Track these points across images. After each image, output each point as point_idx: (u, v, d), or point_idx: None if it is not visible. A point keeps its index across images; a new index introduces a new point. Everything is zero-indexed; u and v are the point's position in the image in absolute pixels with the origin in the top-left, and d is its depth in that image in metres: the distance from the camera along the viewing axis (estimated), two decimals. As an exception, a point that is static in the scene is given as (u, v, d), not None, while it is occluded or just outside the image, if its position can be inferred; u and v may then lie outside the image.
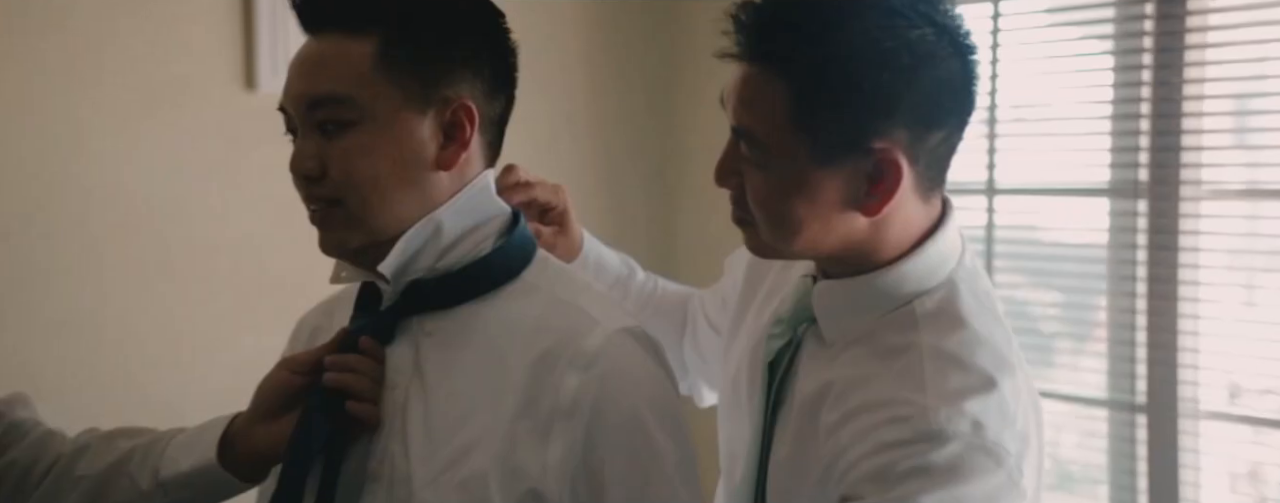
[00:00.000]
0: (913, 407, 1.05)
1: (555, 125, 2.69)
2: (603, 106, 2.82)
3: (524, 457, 1.06)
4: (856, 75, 1.06)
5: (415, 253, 1.12)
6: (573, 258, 1.44)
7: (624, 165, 2.86)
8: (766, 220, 1.12)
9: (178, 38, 2.21)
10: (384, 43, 1.08)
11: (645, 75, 2.89)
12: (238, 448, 1.16)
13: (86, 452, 1.21)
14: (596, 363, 1.08)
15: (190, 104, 2.22)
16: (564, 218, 1.41)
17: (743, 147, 1.11)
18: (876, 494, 1.02)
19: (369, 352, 1.13)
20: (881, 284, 1.14)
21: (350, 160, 1.08)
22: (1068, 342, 2.55)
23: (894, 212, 1.11)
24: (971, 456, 1.03)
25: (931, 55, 1.08)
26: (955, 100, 1.11)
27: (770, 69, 1.08)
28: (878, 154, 1.08)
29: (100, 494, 1.18)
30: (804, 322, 1.19)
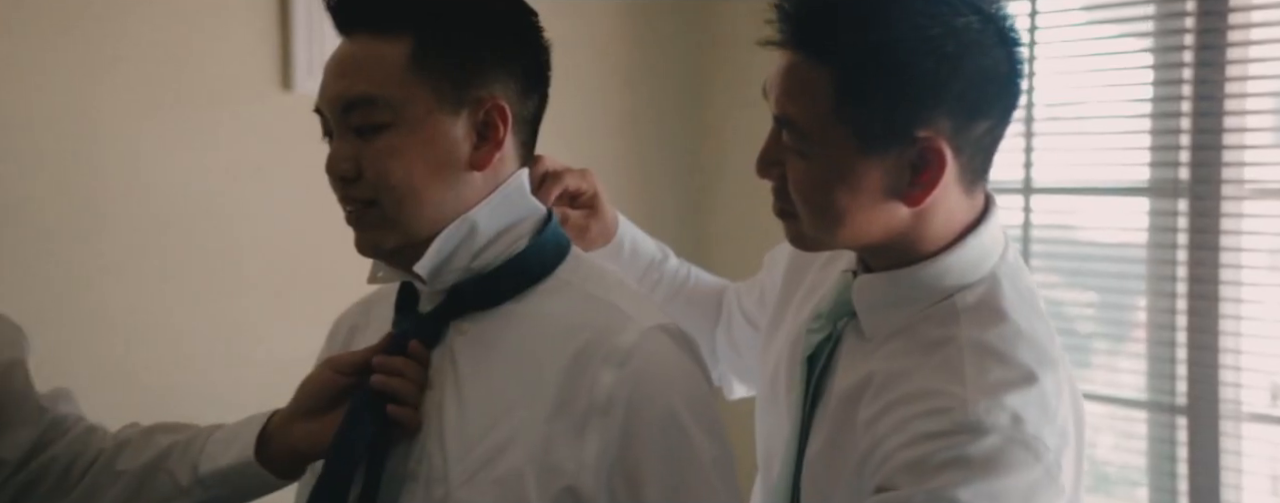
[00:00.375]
0: (952, 399, 1.04)
1: (587, 123, 2.69)
2: (634, 104, 2.82)
3: (560, 454, 1.06)
4: (901, 63, 1.05)
5: (450, 253, 1.12)
6: (608, 241, 1.44)
7: (656, 163, 2.86)
8: (809, 211, 1.12)
9: (215, 38, 2.22)
10: (417, 44, 1.09)
11: (677, 73, 2.89)
12: (275, 445, 1.17)
13: (127, 447, 1.22)
14: (631, 360, 1.07)
15: (227, 104, 2.24)
16: (595, 201, 1.41)
17: (785, 136, 1.11)
18: (912, 485, 1.01)
19: (417, 356, 1.13)
20: (923, 277, 1.13)
21: (385, 161, 1.08)
22: (1104, 342, 2.53)
23: (937, 203, 1.11)
24: (1010, 449, 1.02)
25: (977, 44, 1.07)
26: (1000, 90, 1.11)
27: (814, 57, 1.08)
28: (922, 143, 1.08)
29: (140, 489, 1.20)
30: (843, 316, 1.18)
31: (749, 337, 1.47)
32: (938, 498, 1.00)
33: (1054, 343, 1.13)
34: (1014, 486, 1.02)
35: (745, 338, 1.48)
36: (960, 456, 1.02)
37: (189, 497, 1.18)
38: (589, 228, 1.40)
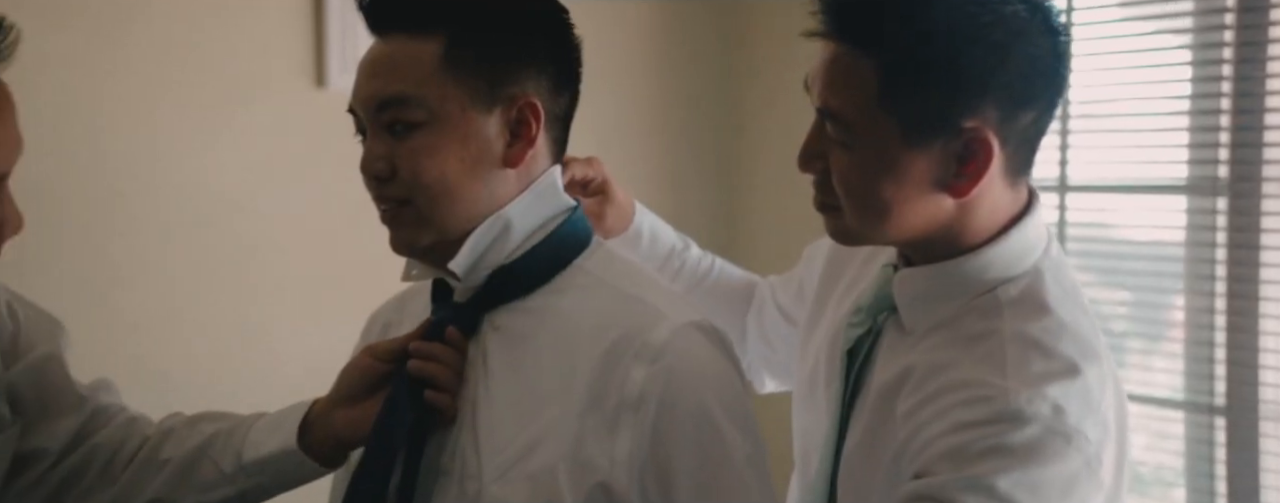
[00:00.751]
0: (993, 388, 1.04)
1: (618, 122, 2.69)
2: (665, 102, 2.81)
3: (592, 450, 1.06)
4: (949, 52, 1.05)
5: (485, 250, 1.12)
6: (625, 227, 1.43)
7: (687, 161, 2.85)
8: (853, 203, 1.11)
9: (249, 36, 2.24)
10: (450, 43, 1.09)
11: (708, 70, 2.88)
12: (317, 432, 1.18)
13: (171, 436, 1.24)
14: (663, 356, 1.07)
15: (261, 102, 2.25)
16: (605, 187, 1.40)
17: (829, 128, 1.10)
18: (951, 472, 1.01)
19: (453, 343, 1.14)
20: (965, 270, 1.12)
21: (419, 160, 1.09)
22: (1139, 342, 2.50)
23: (981, 195, 1.10)
24: (1050, 439, 1.01)
25: (1024, 32, 1.06)
26: (1046, 80, 1.09)
27: (858, 48, 1.07)
28: (968, 133, 1.07)
29: (185, 477, 1.21)
30: (884, 311, 1.18)
31: (783, 331, 1.47)
32: (975, 485, 1.00)
33: (1098, 338, 1.12)
34: (1053, 476, 1.01)
35: (778, 332, 1.48)
36: (1000, 444, 1.01)
37: (233, 484, 1.20)
38: (605, 215, 1.40)
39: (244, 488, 1.20)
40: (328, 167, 2.27)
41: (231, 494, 1.20)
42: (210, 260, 2.22)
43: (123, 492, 1.22)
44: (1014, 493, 0.99)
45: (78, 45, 2.07)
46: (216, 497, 1.20)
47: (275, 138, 2.27)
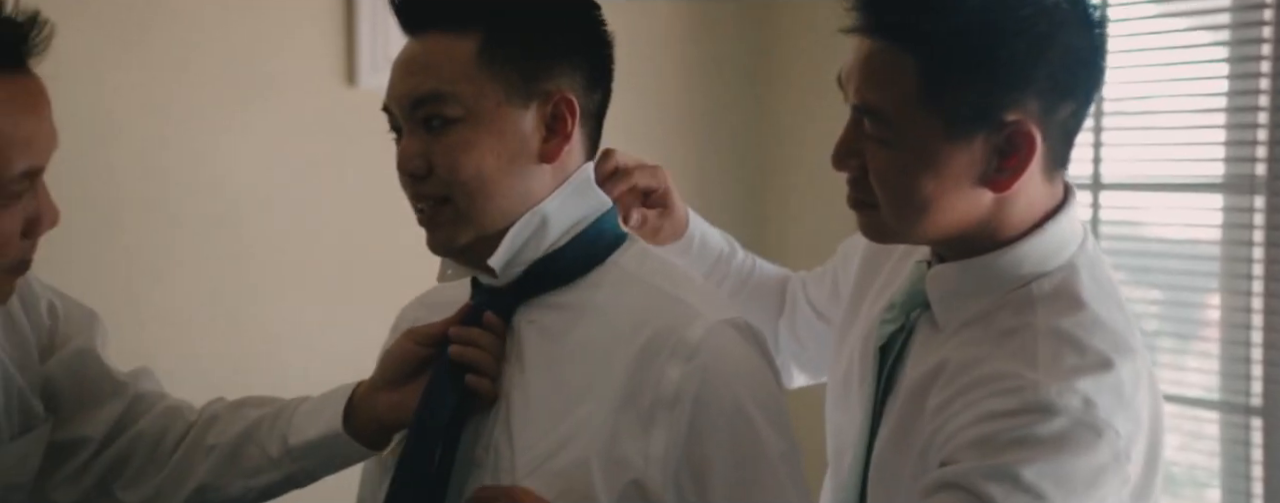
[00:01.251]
0: (1023, 381, 1.03)
1: (646, 121, 2.69)
2: (694, 101, 2.81)
3: (626, 448, 1.06)
4: (991, 44, 1.04)
5: (522, 245, 1.13)
6: (678, 237, 1.42)
7: (715, 161, 2.85)
8: (891, 200, 1.10)
9: (282, 35, 2.25)
10: (486, 39, 1.09)
11: (737, 70, 2.88)
12: (361, 416, 1.19)
13: (216, 422, 1.25)
14: (699, 354, 1.07)
15: (293, 100, 2.27)
16: (667, 198, 1.39)
17: (867, 125, 1.09)
18: (975, 460, 1.00)
19: (492, 327, 1.14)
20: (999, 265, 1.12)
21: (456, 156, 1.09)
22: (1170, 341, 2.48)
23: (1019, 190, 1.09)
24: (1079, 431, 1.01)
25: (1065, 23, 1.06)
26: (1085, 71, 1.09)
27: (896, 43, 1.06)
28: (1011, 126, 1.06)
29: (231, 462, 1.22)
30: (917, 307, 1.17)
31: (815, 328, 1.46)
32: (999, 474, 0.99)
33: (1134, 334, 1.11)
34: (1080, 468, 1.00)
35: (810, 329, 1.47)
36: (1028, 435, 1.00)
37: (279, 468, 1.21)
38: (662, 227, 1.40)
39: (290, 472, 1.22)
40: (358, 165, 2.29)
41: (278, 478, 1.22)
42: (241, 256, 2.24)
43: (169, 478, 1.24)
44: (1039, 483, 0.99)
45: (110, 42, 2.08)
46: (263, 481, 1.22)
47: (306, 136, 2.28)
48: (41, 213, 1.05)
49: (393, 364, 1.19)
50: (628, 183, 1.32)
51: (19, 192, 1.02)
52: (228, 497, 1.23)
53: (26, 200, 1.04)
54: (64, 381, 1.22)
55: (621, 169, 1.32)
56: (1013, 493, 0.99)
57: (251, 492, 1.23)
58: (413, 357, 1.18)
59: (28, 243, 1.06)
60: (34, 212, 1.04)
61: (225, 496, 1.23)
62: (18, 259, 1.05)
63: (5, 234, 1.02)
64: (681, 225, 1.43)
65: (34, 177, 1.04)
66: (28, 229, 1.05)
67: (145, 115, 2.12)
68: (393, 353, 1.19)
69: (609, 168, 1.30)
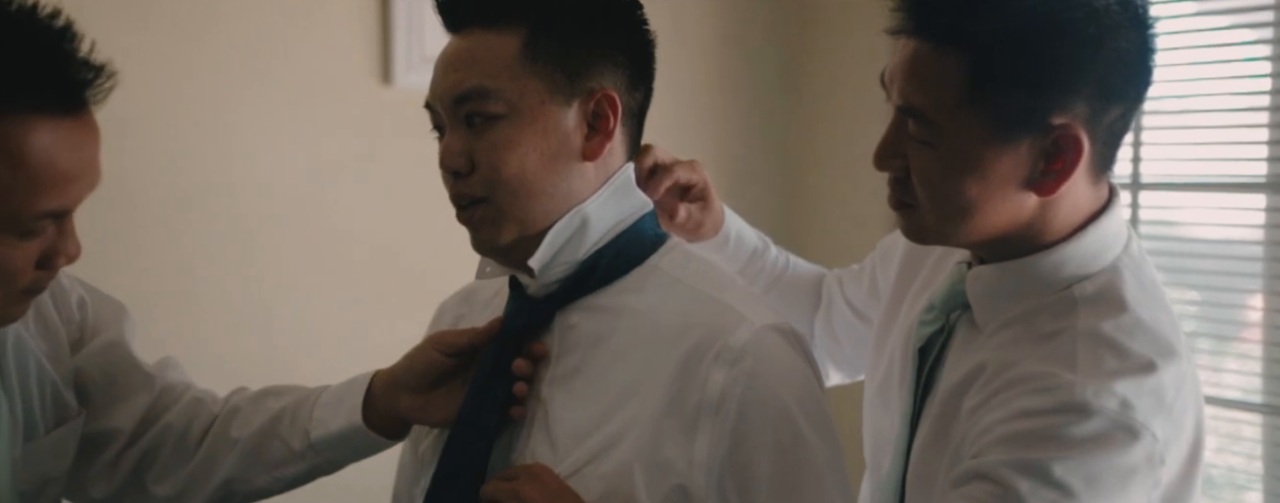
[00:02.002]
0: (1059, 380, 1.02)
1: (680, 120, 2.69)
2: (728, 101, 2.80)
3: (670, 452, 1.06)
4: (1040, 47, 1.03)
5: (562, 245, 1.12)
6: (715, 232, 1.42)
7: (749, 161, 2.84)
8: (934, 202, 1.09)
9: (318, 35, 2.26)
10: (530, 35, 1.09)
11: (771, 70, 2.87)
12: (381, 409, 1.20)
13: (238, 414, 1.26)
14: (743, 359, 1.06)
15: (330, 99, 2.28)
16: (706, 193, 1.39)
17: (911, 127, 1.08)
18: (1006, 454, 0.99)
19: (537, 357, 1.14)
20: (1040, 267, 1.10)
21: (499, 152, 1.09)
22: (1210, 342, 2.45)
23: (1065, 193, 1.07)
24: (1114, 432, 1.00)
25: (1116, 26, 1.04)
26: (1135, 74, 1.07)
27: (943, 44, 1.05)
28: (1058, 130, 1.04)
29: (256, 456, 1.24)
30: (956, 308, 1.16)
31: (852, 326, 1.45)
32: (1029, 468, 0.98)
33: (1179, 338, 1.09)
34: (1112, 468, 0.99)
35: (847, 327, 1.46)
36: (1061, 433, 0.99)
37: (304, 461, 1.23)
38: (703, 223, 1.39)
39: (315, 463, 1.23)
40: (394, 163, 2.30)
41: (304, 469, 1.23)
42: (279, 254, 2.25)
43: (197, 471, 1.25)
44: (1068, 480, 0.98)
45: (149, 42, 2.11)
46: (289, 473, 1.24)
47: (342, 135, 2.29)
48: (61, 248, 1.04)
49: (416, 370, 1.19)
50: (670, 179, 1.31)
51: (40, 229, 1.01)
52: (256, 488, 1.25)
53: (50, 234, 1.03)
54: (94, 373, 1.23)
55: (661, 165, 1.31)
56: (1041, 488, 0.98)
57: (279, 482, 1.24)
58: (437, 367, 1.18)
59: (44, 273, 1.05)
60: (53, 246, 1.03)
61: (253, 487, 1.24)
62: (31, 287, 1.05)
63: (18, 265, 1.01)
64: (718, 221, 1.42)
65: (60, 216, 1.03)
66: (44, 261, 1.04)
67: (181, 114, 2.14)
68: (417, 360, 1.19)
69: (648, 164, 1.30)
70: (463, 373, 1.18)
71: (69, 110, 1.00)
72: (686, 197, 1.37)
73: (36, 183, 0.98)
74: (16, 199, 0.97)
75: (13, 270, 1.01)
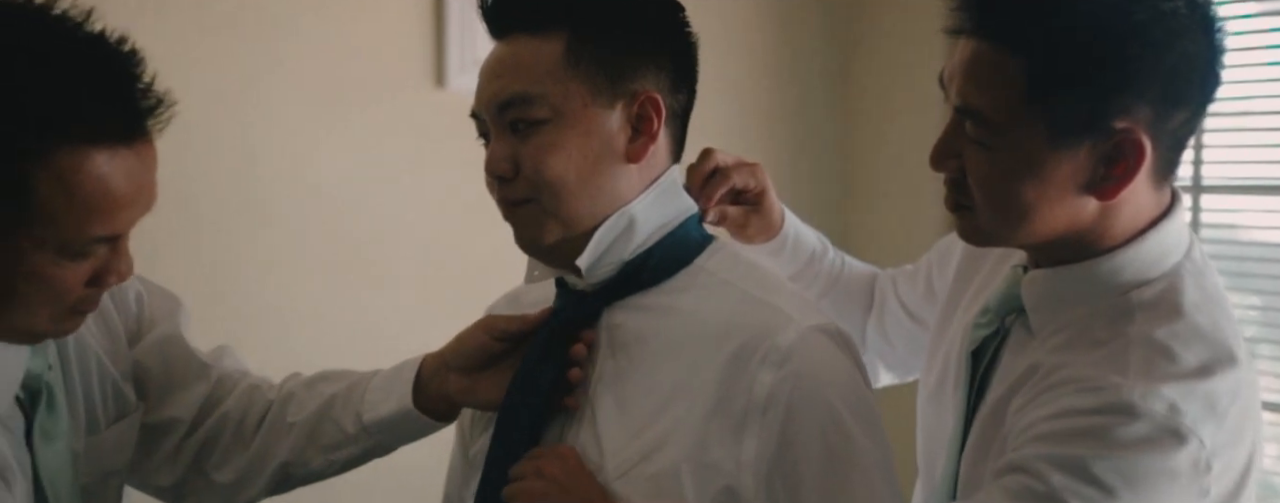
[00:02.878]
0: (1107, 382, 1.00)
1: (729, 122, 2.68)
2: (778, 102, 2.79)
3: (718, 453, 1.06)
4: (1104, 50, 1.01)
5: (609, 246, 1.13)
6: (769, 237, 1.41)
7: (799, 162, 2.83)
8: (990, 205, 1.08)
9: (372, 37, 2.29)
10: (572, 40, 1.10)
11: (822, 70, 2.85)
12: (431, 391, 1.23)
13: (293, 399, 1.29)
14: (790, 360, 1.06)
15: (383, 102, 2.30)
16: (762, 197, 1.38)
17: (968, 127, 1.07)
18: (1045, 449, 0.98)
19: (588, 342, 1.15)
20: (1098, 272, 1.08)
21: (543, 156, 1.09)
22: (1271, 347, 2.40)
23: (1126, 198, 1.06)
24: (1159, 435, 0.98)
25: (1183, 29, 1.02)
26: (1201, 78, 1.05)
27: (1004, 45, 1.03)
28: (1119, 134, 1.03)
29: (311, 439, 1.26)
30: (1011, 312, 1.15)
31: (905, 328, 1.44)
32: (1068, 463, 0.97)
33: (1239, 346, 1.07)
34: (1153, 469, 0.97)
35: (899, 329, 1.45)
36: (1104, 433, 0.98)
37: (357, 444, 1.25)
38: (748, 224, 1.38)
39: (367, 446, 1.26)
40: (447, 165, 2.31)
41: (358, 452, 1.26)
42: (329, 256, 2.27)
43: (255, 457, 1.28)
44: (1106, 478, 0.96)
45: (204, 45, 2.13)
46: (343, 456, 1.26)
47: (396, 137, 2.31)
48: (113, 267, 1.04)
49: (466, 354, 1.21)
50: (727, 184, 1.31)
51: (92, 252, 1.02)
52: (312, 471, 1.27)
53: (102, 254, 1.03)
54: (152, 365, 1.26)
55: (721, 170, 1.31)
56: (1078, 484, 0.97)
57: (334, 464, 1.27)
58: (486, 350, 1.20)
59: (94, 290, 1.06)
60: (105, 265, 1.04)
61: (309, 470, 1.27)
62: (80, 305, 1.06)
63: (69, 285, 1.02)
64: (775, 224, 1.41)
65: (113, 240, 1.03)
66: (94, 280, 1.04)
67: (235, 116, 2.17)
68: (466, 343, 1.21)
69: (709, 167, 1.30)
70: (511, 357, 1.20)
71: (128, 139, 1.00)
72: (737, 200, 1.36)
73: (90, 210, 0.98)
74: (69, 226, 0.98)
75: (63, 289, 1.02)
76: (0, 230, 0.96)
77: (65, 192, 0.96)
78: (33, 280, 0.99)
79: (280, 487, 1.29)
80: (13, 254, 0.97)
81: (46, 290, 1.00)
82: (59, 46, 0.97)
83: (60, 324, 1.05)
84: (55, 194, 0.96)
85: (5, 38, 0.95)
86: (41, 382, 1.09)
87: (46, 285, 0.99)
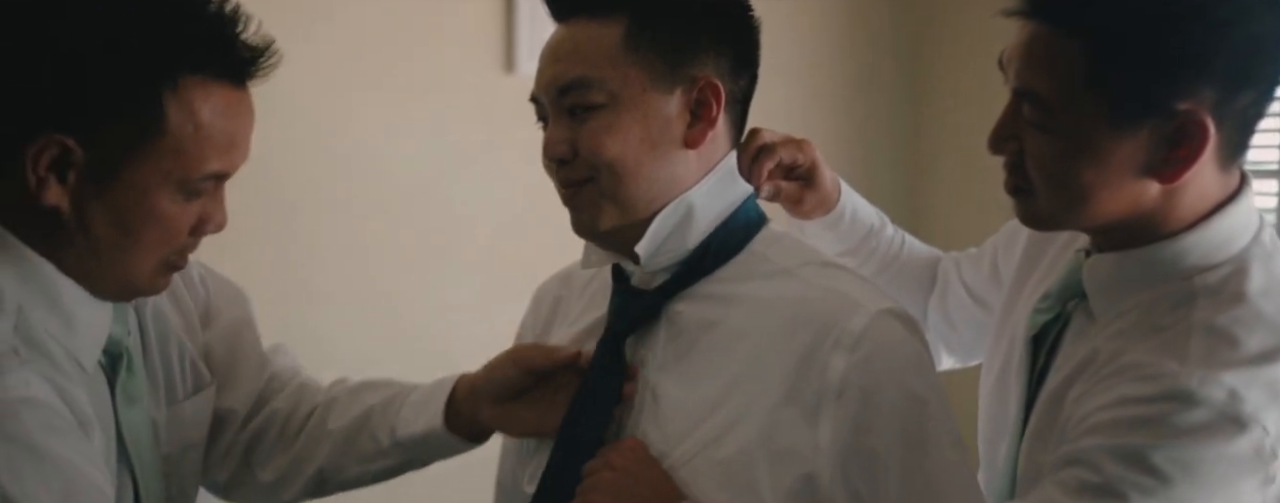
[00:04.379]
0: (1165, 369, 0.99)
1: (796, 107, 2.66)
2: (847, 87, 2.77)
3: (791, 440, 1.06)
4: (1165, 31, 0.99)
5: (668, 234, 1.13)
6: (826, 211, 1.40)
7: (868, 148, 2.80)
8: (1048, 188, 1.06)
9: (443, 25, 2.30)
10: (631, 24, 1.10)
11: (891, 55, 2.82)
12: (464, 415, 1.23)
13: (336, 405, 1.31)
14: (862, 345, 1.06)
15: (454, 88, 2.32)
16: (812, 172, 1.37)
17: (1026, 110, 1.05)
18: (1103, 439, 0.97)
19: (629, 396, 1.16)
20: (1162, 256, 1.06)
21: (599, 138, 1.10)
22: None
23: (1190, 181, 1.04)
24: (1219, 423, 0.96)
25: (1249, 9, 1.00)
26: (1270, 59, 1.03)
27: (1063, 26, 1.02)
28: (1182, 116, 1.01)
29: (348, 448, 1.28)
30: (1073, 298, 1.13)
31: (969, 311, 1.42)
32: (1125, 453, 0.96)
33: None
34: (1213, 457, 0.96)
35: (963, 311, 1.43)
36: (1162, 421, 0.96)
37: (390, 457, 1.27)
38: (803, 200, 1.38)
39: (401, 460, 1.27)
40: (516, 150, 2.32)
41: (391, 465, 1.28)
42: (403, 241, 2.30)
43: (296, 458, 1.30)
44: (1164, 466, 0.95)
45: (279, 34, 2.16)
46: (377, 468, 1.28)
47: (466, 123, 2.33)
48: (212, 215, 1.10)
49: (495, 382, 1.22)
50: (773, 160, 1.30)
51: (202, 190, 1.08)
52: (347, 478, 1.29)
53: (204, 200, 1.09)
54: (220, 352, 1.28)
55: (766, 147, 1.30)
56: (1136, 474, 0.95)
57: (367, 475, 1.29)
58: (516, 383, 1.20)
59: (191, 240, 1.11)
60: (206, 212, 1.09)
61: (345, 477, 1.29)
62: (176, 257, 1.10)
63: (179, 227, 1.07)
64: (830, 199, 1.40)
65: (220, 180, 1.10)
66: (195, 227, 1.09)
67: (306, 103, 2.20)
68: (496, 373, 1.22)
69: (755, 146, 1.29)
70: (544, 387, 1.20)
71: (238, 81, 1.09)
72: (789, 175, 1.36)
73: (211, 142, 1.06)
74: (192, 157, 1.05)
75: (176, 231, 1.07)
76: (133, 165, 1.03)
77: (192, 121, 1.04)
78: (151, 220, 1.05)
79: (318, 491, 1.31)
80: (139, 193, 1.03)
81: (162, 231, 1.06)
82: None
83: (157, 279, 1.10)
84: (184, 123, 1.03)
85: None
86: (122, 347, 1.13)
87: (163, 226, 1.05)
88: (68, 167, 1.01)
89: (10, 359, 0.99)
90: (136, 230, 1.04)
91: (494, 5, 2.35)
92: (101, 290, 1.08)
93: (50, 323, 1.04)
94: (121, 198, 1.03)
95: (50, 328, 1.04)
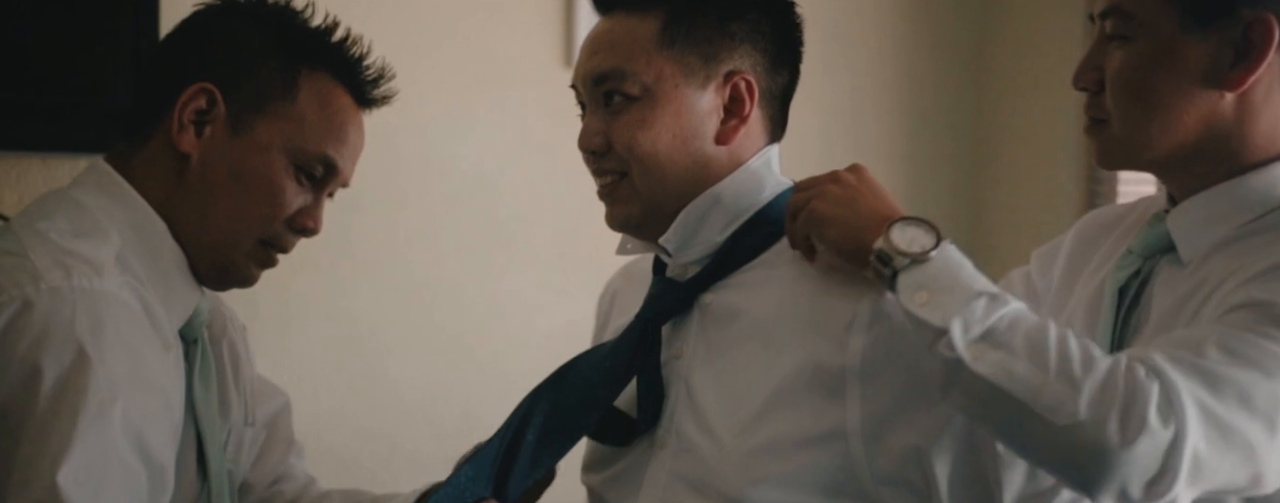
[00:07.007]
0: None
1: (855, 104, 2.64)
2: (907, 84, 2.74)
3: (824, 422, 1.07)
4: None
5: (695, 226, 1.14)
6: None
7: (929, 146, 2.77)
8: (1125, 100, 1.10)
9: (505, 19, 2.32)
10: (668, 19, 1.12)
11: (952, 54, 2.79)
12: None
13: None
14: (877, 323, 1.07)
15: (515, 82, 2.34)
16: None
17: (1109, 25, 1.10)
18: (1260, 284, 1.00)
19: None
20: (1249, 187, 1.10)
21: (632, 132, 1.11)
22: None
23: (1262, 102, 1.07)
24: None
25: None
26: None
27: None
28: (1248, 18, 1.05)
29: None
30: (1155, 254, 1.15)
31: None
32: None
33: None
34: None
35: None
36: None
37: None
38: None
39: None
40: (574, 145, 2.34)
41: None
42: (467, 234, 2.32)
43: None
44: None
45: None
46: None
47: (526, 118, 2.35)
48: (311, 211, 1.18)
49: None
50: None
51: (312, 173, 1.16)
52: None
53: (308, 194, 1.17)
54: (260, 423, 1.33)
55: None
56: None
57: None
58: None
59: (289, 235, 1.17)
60: (306, 206, 1.17)
61: None
62: (275, 240, 1.17)
63: (284, 199, 1.15)
64: None
65: (330, 174, 1.18)
66: (293, 217, 1.16)
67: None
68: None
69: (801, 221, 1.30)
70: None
71: (358, 96, 1.20)
72: None
73: (331, 127, 1.16)
74: (310, 130, 1.15)
75: (280, 202, 1.14)
76: (263, 126, 1.13)
77: (319, 103, 1.17)
78: (264, 178, 1.14)
79: None
80: (260, 151, 1.13)
81: (269, 194, 1.14)
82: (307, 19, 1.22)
83: (250, 263, 1.16)
84: (312, 101, 1.16)
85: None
86: (199, 332, 1.17)
87: (271, 189, 1.14)
88: (206, 123, 1.11)
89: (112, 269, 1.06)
90: (248, 182, 1.13)
91: (552, 0, 2.36)
92: (200, 260, 1.13)
93: (148, 272, 1.10)
94: (245, 151, 1.13)
95: (146, 275, 1.10)
